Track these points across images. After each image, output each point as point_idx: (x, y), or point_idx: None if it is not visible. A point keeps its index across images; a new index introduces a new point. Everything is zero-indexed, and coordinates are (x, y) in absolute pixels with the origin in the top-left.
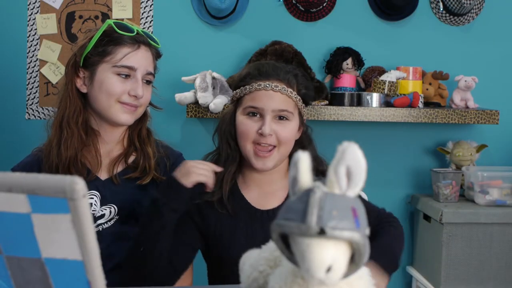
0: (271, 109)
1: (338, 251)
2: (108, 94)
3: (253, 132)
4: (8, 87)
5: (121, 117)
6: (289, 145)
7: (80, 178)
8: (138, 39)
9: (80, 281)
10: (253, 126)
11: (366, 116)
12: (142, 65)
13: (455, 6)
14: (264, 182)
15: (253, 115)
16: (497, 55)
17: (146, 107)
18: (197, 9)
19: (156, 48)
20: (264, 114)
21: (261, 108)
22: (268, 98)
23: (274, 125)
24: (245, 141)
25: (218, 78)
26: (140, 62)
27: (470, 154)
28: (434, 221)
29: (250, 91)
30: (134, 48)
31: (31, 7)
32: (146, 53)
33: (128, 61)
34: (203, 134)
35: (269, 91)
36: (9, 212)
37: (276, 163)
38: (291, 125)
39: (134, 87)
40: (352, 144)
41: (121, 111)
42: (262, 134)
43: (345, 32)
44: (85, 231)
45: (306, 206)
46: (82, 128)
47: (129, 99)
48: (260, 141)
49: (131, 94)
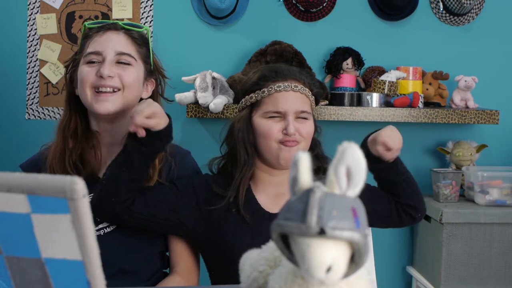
0: (293, 111)
1: (338, 251)
2: (81, 85)
3: (278, 132)
4: (8, 87)
5: (99, 106)
6: (309, 141)
7: (79, 178)
8: (105, 27)
9: (80, 281)
10: (275, 126)
11: (366, 116)
12: (109, 46)
13: (455, 6)
14: (275, 184)
15: (274, 117)
16: (497, 55)
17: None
18: (197, 9)
19: (137, 32)
20: (286, 115)
21: (283, 111)
22: (290, 100)
23: (296, 124)
24: (270, 140)
25: (218, 78)
26: (106, 44)
27: (470, 154)
28: (434, 221)
29: (269, 93)
30: (100, 35)
31: (31, 7)
32: (114, 35)
33: (93, 46)
34: (203, 134)
35: (289, 91)
36: (9, 212)
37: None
38: (310, 123)
39: (100, 68)
40: (352, 144)
41: (96, 100)
42: (287, 134)
43: (345, 32)
44: (85, 231)
45: (306, 206)
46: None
47: (98, 82)
48: (285, 139)
49: (97, 75)
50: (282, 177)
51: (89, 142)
